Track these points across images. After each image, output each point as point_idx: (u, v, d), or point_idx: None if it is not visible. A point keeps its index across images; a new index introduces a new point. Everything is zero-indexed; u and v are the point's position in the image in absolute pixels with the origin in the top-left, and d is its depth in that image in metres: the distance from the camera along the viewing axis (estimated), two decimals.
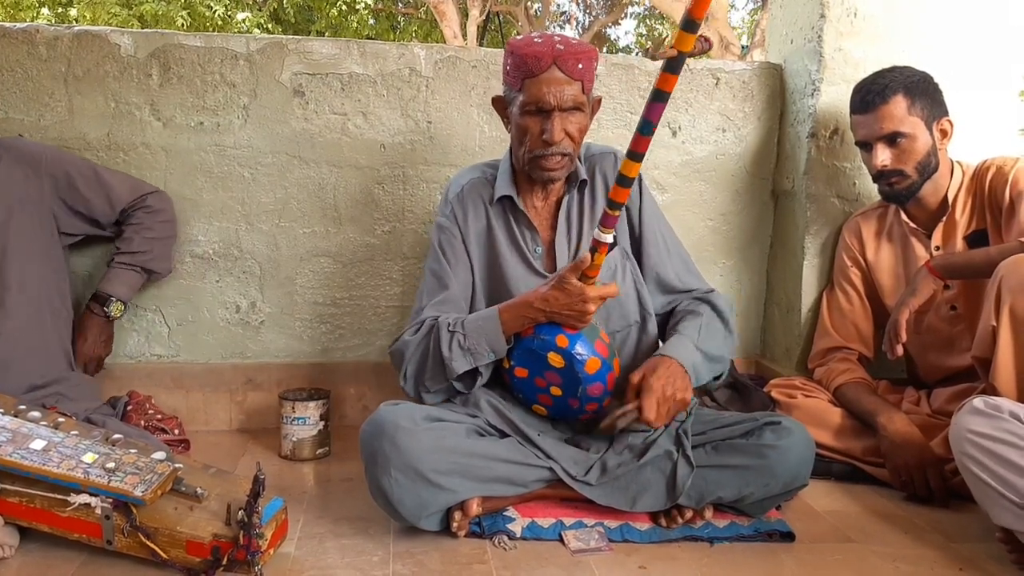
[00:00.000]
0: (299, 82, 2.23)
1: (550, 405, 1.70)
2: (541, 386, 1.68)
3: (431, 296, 1.77)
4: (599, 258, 1.56)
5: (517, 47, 1.66)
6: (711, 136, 2.43)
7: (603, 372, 1.64)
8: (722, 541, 1.61)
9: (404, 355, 1.71)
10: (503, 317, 1.65)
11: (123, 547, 1.42)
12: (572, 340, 1.61)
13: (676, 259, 1.85)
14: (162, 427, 2.01)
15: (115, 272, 2.04)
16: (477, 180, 1.85)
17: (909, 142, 1.95)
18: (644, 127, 1.39)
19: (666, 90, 1.34)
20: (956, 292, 2.01)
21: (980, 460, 1.48)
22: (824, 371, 2.14)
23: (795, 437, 1.63)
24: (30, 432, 1.46)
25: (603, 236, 1.53)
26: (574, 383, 1.63)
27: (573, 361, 1.61)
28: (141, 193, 2.06)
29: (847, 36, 2.24)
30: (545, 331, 1.63)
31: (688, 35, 1.25)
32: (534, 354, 1.65)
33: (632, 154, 1.44)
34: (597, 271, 1.59)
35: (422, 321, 1.72)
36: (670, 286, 1.82)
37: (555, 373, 1.64)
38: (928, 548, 1.61)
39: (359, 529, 1.64)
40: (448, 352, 1.64)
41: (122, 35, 2.17)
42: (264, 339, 2.31)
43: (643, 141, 1.41)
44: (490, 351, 1.65)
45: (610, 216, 1.52)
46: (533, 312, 1.63)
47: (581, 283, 1.58)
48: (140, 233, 2.04)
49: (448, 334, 1.65)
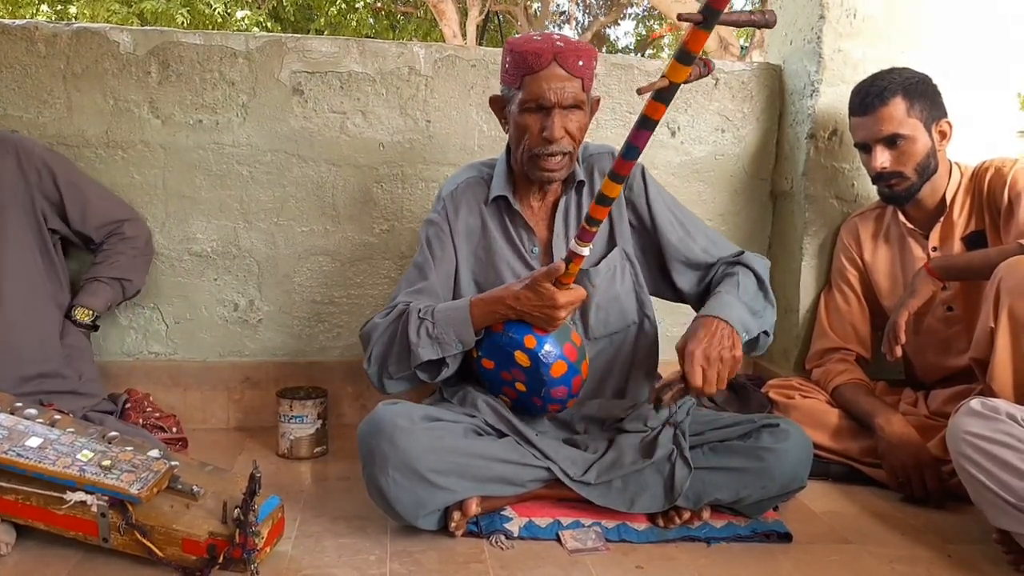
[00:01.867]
0: (298, 80, 2.22)
1: (514, 398, 1.70)
2: (507, 379, 1.67)
3: (409, 284, 1.76)
4: (573, 268, 1.56)
5: (516, 45, 1.66)
6: (710, 136, 2.43)
7: (568, 376, 1.63)
8: (719, 541, 1.61)
9: (371, 337, 1.68)
10: (474, 311, 1.64)
11: (119, 545, 1.42)
12: (540, 341, 1.60)
13: (699, 235, 1.82)
14: (160, 425, 2.00)
15: (83, 286, 2.04)
16: (473, 179, 1.84)
17: (908, 144, 1.95)
18: (628, 152, 1.37)
19: (654, 118, 1.31)
20: (954, 293, 2.01)
21: (977, 461, 1.47)
22: (822, 372, 2.14)
23: (793, 440, 1.63)
24: (26, 429, 1.46)
25: (580, 249, 1.53)
26: (538, 384, 1.62)
27: (539, 363, 1.60)
28: (117, 218, 2.07)
29: (846, 37, 2.24)
30: (515, 329, 1.62)
31: (682, 67, 1.22)
32: (502, 350, 1.64)
33: (614, 176, 1.41)
34: (571, 279, 1.58)
35: (394, 305, 1.70)
36: (699, 262, 1.79)
37: (520, 371, 1.63)
38: (925, 549, 1.61)
39: (356, 528, 1.63)
40: (416, 338, 1.62)
41: (121, 32, 2.17)
42: (262, 337, 2.31)
43: (626, 165, 1.39)
44: (458, 342, 1.63)
45: (587, 231, 1.51)
46: (504, 308, 1.62)
47: (554, 287, 1.57)
48: (111, 258, 2.06)
49: (417, 320, 1.63)
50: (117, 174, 2.18)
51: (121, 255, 2.06)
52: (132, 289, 2.11)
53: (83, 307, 2.01)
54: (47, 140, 2.13)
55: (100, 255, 2.07)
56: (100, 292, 2.04)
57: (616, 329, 1.77)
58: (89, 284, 2.04)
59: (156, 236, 2.21)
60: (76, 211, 2.00)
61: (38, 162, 1.96)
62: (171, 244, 2.24)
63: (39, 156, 1.97)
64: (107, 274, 2.04)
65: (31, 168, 1.94)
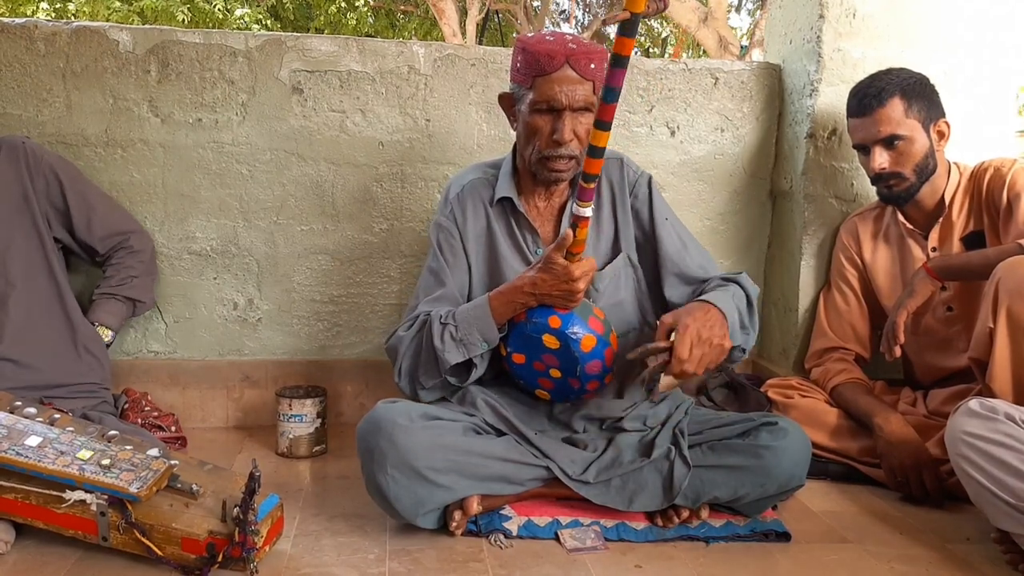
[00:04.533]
0: (298, 79, 2.22)
1: (551, 388, 1.69)
2: (540, 370, 1.67)
3: (427, 293, 1.76)
4: (581, 233, 1.55)
5: (529, 44, 1.65)
6: (709, 136, 2.43)
7: (600, 349, 1.63)
8: (718, 541, 1.61)
9: (399, 351, 1.69)
10: (493, 304, 1.64)
11: (118, 544, 1.42)
12: (565, 320, 1.61)
13: (696, 252, 1.83)
14: (159, 424, 2.00)
15: (99, 302, 2.04)
16: (477, 181, 1.84)
17: (907, 144, 1.95)
18: (607, 94, 1.38)
19: (624, 54, 1.34)
20: (953, 293, 2.01)
21: (976, 462, 1.48)
22: (821, 371, 2.14)
23: (792, 438, 1.63)
24: (25, 428, 1.46)
25: (581, 210, 1.53)
26: (572, 363, 1.62)
27: (568, 340, 1.60)
28: (123, 230, 2.07)
29: (846, 36, 2.24)
30: (538, 314, 1.63)
31: None
32: (529, 338, 1.64)
33: (599, 123, 1.42)
34: (582, 247, 1.58)
35: (416, 316, 1.71)
36: (693, 276, 1.79)
37: (552, 355, 1.63)
38: (923, 548, 1.61)
39: (355, 527, 1.64)
40: (440, 344, 1.62)
41: (121, 31, 2.16)
42: (261, 336, 2.31)
43: (608, 109, 1.40)
44: (482, 340, 1.63)
45: (585, 189, 1.51)
46: (523, 297, 1.62)
47: (567, 261, 1.57)
48: (121, 272, 2.06)
49: (440, 326, 1.64)
50: (116, 173, 2.18)
51: (132, 271, 2.06)
52: (143, 310, 2.12)
53: (104, 327, 2.01)
54: (46, 139, 2.14)
55: (110, 268, 2.06)
56: (116, 311, 2.04)
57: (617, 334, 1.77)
58: (105, 301, 2.03)
59: (155, 235, 2.21)
60: (82, 220, 2.00)
61: (46, 169, 1.95)
62: (170, 243, 2.24)
63: (48, 163, 1.96)
64: (123, 293, 2.05)
65: (39, 175, 1.94)
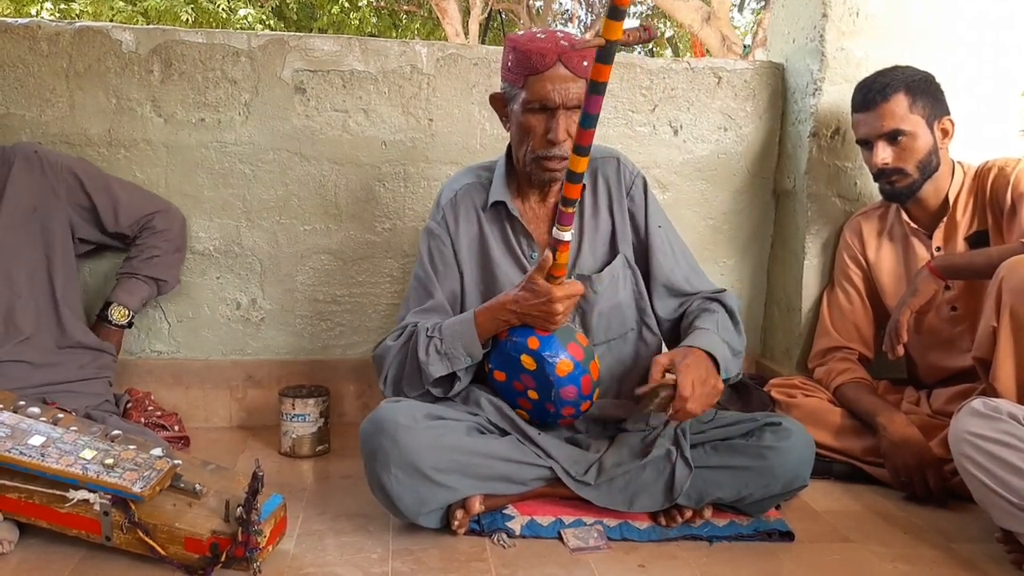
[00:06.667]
0: (300, 79, 2.22)
1: (530, 409, 1.68)
2: (519, 390, 1.66)
3: (416, 303, 1.75)
4: (561, 256, 1.55)
5: (520, 43, 1.64)
6: (712, 135, 2.42)
7: (576, 375, 1.60)
8: (721, 540, 1.61)
9: (385, 360, 1.70)
10: (478, 320, 1.64)
11: (122, 543, 1.42)
12: (544, 342, 1.59)
13: (684, 263, 1.82)
14: (162, 423, 2.01)
15: (120, 282, 2.05)
16: (471, 185, 1.82)
17: (910, 140, 1.95)
18: (585, 120, 1.37)
19: (601, 80, 1.31)
20: (956, 293, 2.00)
21: (979, 462, 1.47)
22: (824, 371, 2.14)
23: (795, 438, 1.63)
24: (29, 428, 1.46)
25: (562, 235, 1.52)
26: (547, 386, 1.60)
27: (544, 363, 1.58)
28: (148, 212, 2.07)
29: (849, 35, 2.24)
30: (518, 333, 1.62)
31: (614, 23, 1.22)
32: (508, 357, 1.63)
33: (577, 148, 1.41)
34: (563, 271, 1.57)
35: (404, 327, 1.71)
36: (680, 290, 1.79)
37: (529, 376, 1.62)
38: (927, 548, 1.61)
39: (358, 526, 1.64)
40: (425, 356, 1.63)
41: (123, 31, 2.17)
42: (264, 336, 2.31)
43: (586, 135, 1.39)
44: (466, 355, 1.64)
45: (565, 214, 1.50)
46: (506, 314, 1.62)
47: (548, 283, 1.56)
48: (144, 252, 2.06)
49: (426, 339, 1.64)
50: (120, 173, 2.18)
51: (157, 250, 2.06)
52: (167, 289, 2.12)
53: (121, 306, 2.00)
54: (50, 139, 2.14)
55: (134, 249, 2.07)
56: (137, 290, 2.04)
57: (615, 335, 1.76)
58: (127, 280, 2.03)
59: None
60: (109, 213, 2.00)
61: (65, 172, 1.95)
62: None
63: (65, 166, 1.96)
64: (144, 272, 2.04)
65: (59, 180, 1.93)
